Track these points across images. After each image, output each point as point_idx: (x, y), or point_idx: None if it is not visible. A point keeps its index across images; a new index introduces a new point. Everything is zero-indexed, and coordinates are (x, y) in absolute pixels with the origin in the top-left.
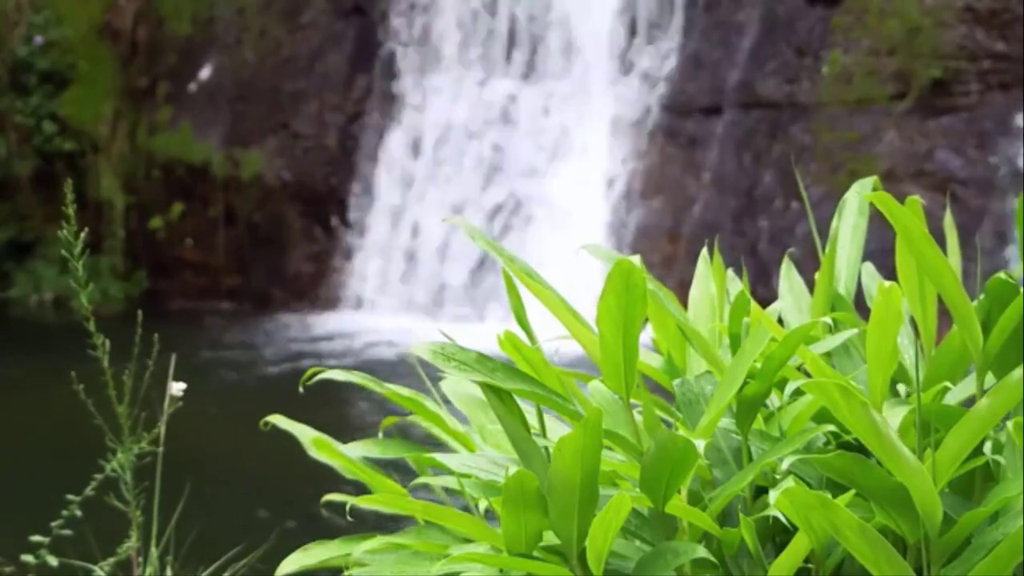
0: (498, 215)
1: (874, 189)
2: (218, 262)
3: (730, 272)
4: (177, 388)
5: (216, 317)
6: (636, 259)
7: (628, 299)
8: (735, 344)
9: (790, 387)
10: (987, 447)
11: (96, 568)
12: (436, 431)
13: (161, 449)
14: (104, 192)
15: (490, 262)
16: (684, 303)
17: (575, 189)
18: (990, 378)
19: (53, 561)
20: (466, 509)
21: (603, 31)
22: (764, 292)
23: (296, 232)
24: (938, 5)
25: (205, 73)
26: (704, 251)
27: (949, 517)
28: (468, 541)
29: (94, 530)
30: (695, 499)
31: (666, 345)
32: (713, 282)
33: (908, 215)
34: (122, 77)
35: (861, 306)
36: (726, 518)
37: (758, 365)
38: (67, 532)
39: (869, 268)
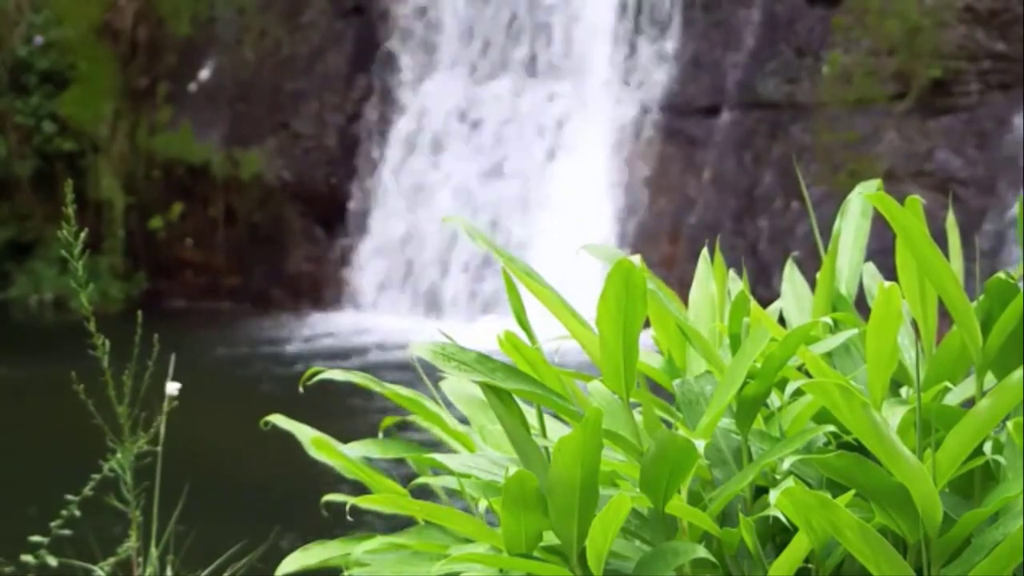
0: (498, 215)
1: (878, 191)
2: (218, 262)
3: (731, 272)
4: (172, 388)
5: (216, 317)
6: (636, 259)
7: (628, 299)
8: (735, 344)
9: (790, 387)
10: (987, 447)
11: (96, 568)
12: (436, 431)
13: (161, 449)
14: (104, 192)
15: (491, 262)
16: (684, 303)
17: (575, 189)
18: (990, 378)
19: (53, 561)
20: (466, 509)
21: (603, 31)
22: (764, 292)
23: (296, 232)
24: (938, 5)
25: (205, 73)
26: (704, 251)
27: (949, 517)
28: (468, 541)
29: (94, 530)
30: (695, 499)
31: (666, 345)
32: (713, 282)
33: (908, 216)
34: (122, 77)
35: (862, 306)
36: (726, 518)
37: (758, 365)
38: (67, 532)
39: (870, 268)
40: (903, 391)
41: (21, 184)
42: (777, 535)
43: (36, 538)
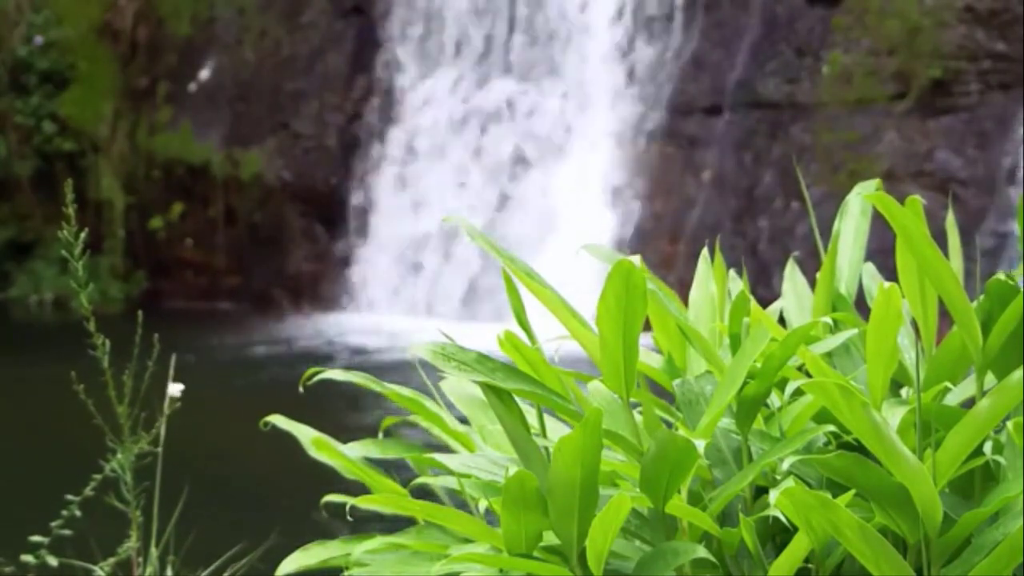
0: (498, 215)
1: (877, 191)
2: (218, 262)
3: (731, 272)
4: (175, 389)
5: (216, 317)
6: (636, 259)
7: (628, 299)
8: (735, 344)
9: (790, 387)
10: (987, 447)
11: (96, 568)
12: (436, 431)
13: (161, 449)
14: (104, 192)
15: (490, 262)
16: (684, 303)
17: (575, 189)
18: (990, 378)
19: (53, 561)
20: (466, 509)
21: (603, 31)
22: (764, 292)
23: (296, 232)
24: (938, 5)
25: (205, 73)
26: (704, 251)
27: (949, 517)
28: (468, 541)
29: (94, 530)
30: (695, 499)
31: (666, 345)
32: (713, 282)
33: (908, 216)
34: (122, 77)
35: (862, 306)
36: (726, 518)
37: (758, 365)
38: (67, 532)
39: (870, 268)
40: (903, 391)
41: (21, 184)
42: (777, 535)
43: (36, 538)
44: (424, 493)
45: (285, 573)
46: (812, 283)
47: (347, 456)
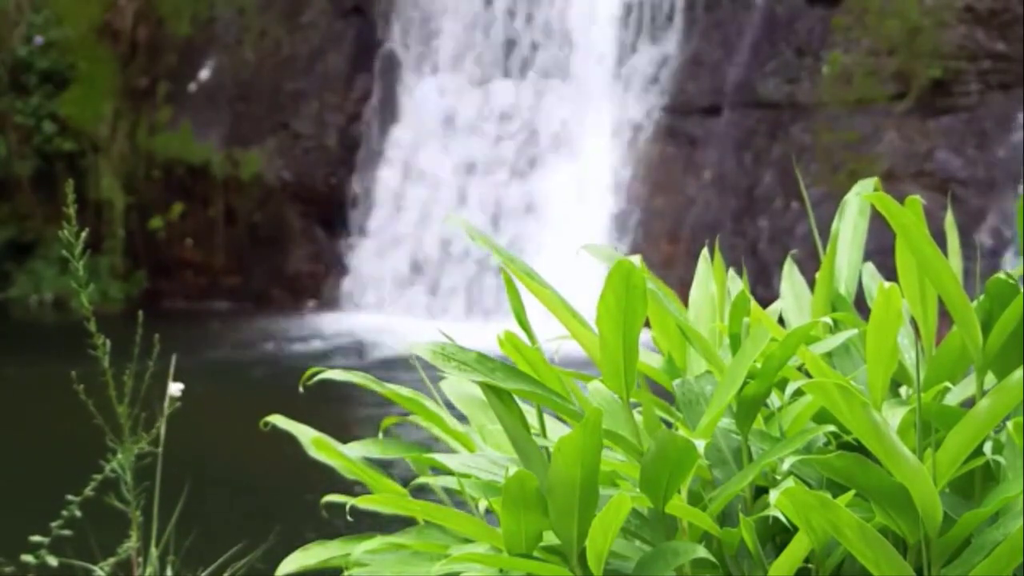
0: (498, 215)
1: (875, 190)
2: (218, 262)
3: (730, 272)
4: (175, 388)
5: (216, 317)
6: (636, 259)
7: (628, 299)
8: (735, 344)
9: (790, 387)
10: (987, 447)
11: (96, 568)
12: (436, 431)
13: (161, 449)
14: (104, 192)
15: (490, 262)
16: (684, 303)
17: (575, 189)
18: (990, 378)
19: (53, 561)
20: (466, 509)
21: (603, 31)
22: (764, 292)
23: (296, 232)
24: (938, 5)
25: (205, 73)
26: (704, 251)
27: (949, 517)
28: (468, 541)
29: (94, 530)
30: (695, 499)
31: (666, 345)
32: (713, 282)
33: (908, 215)
34: (122, 77)
35: (862, 306)
36: (726, 518)
37: (758, 365)
38: (67, 532)
39: (870, 268)
40: (903, 391)
41: (21, 184)
42: (777, 535)
43: (36, 538)
44: (424, 493)
45: (285, 573)
46: (812, 283)
47: (347, 456)
